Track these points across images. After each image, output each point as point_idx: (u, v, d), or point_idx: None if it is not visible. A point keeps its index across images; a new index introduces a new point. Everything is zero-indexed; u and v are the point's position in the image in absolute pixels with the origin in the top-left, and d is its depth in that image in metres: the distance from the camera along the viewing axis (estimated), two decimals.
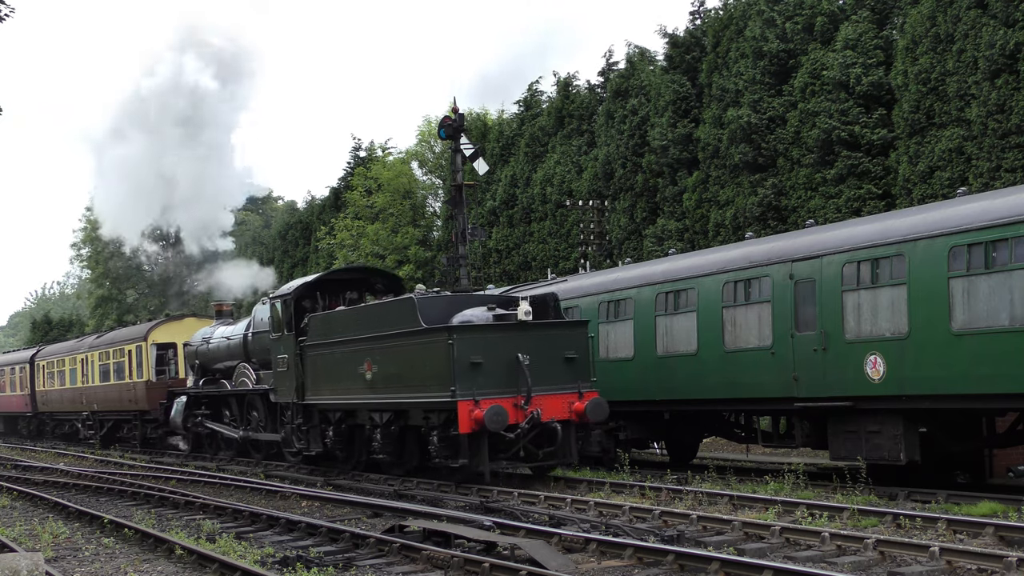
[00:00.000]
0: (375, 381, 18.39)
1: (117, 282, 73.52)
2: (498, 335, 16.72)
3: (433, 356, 16.73)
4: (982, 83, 20.22)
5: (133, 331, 34.46)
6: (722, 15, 27.94)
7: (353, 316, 19.63)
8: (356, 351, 18.89)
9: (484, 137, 36.67)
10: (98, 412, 36.00)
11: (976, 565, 9.52)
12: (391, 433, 18.50)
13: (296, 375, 20.89)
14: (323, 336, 20.21)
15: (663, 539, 11.63)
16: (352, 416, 19.88)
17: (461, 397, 16.08)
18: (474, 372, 16.24)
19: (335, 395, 19.87)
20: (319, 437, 20.72)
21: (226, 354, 26.11)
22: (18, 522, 16.09)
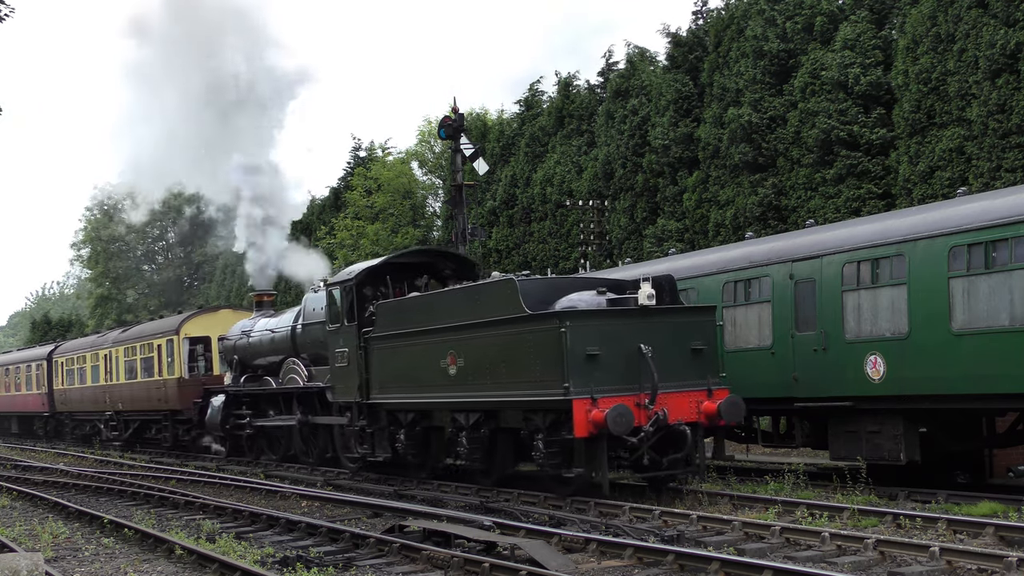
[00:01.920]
0: (460, 377, 16.09)
1: (117, 282, 73.60)
2: (616, 323, 14.32)
3: (539, 347, 14.33)
4: (983, 83, 20.22)
5: (163, 324, 31.81)
6: (723, 15, 27.94)
7: (434, 302, 17.18)
8: (437, 343, 16.60)
9: (484, 137, 36.68)
10: (123, 412, 33.50)
11: (976, 565, 9.51)
12: (479, 437, 16.09)
13: (359, 371, 18.70)
14: (394, 326, 17.84)
15: (663, 539, 11.63)
16: (428, 417, 17.72)
17: (576, 395, 13.69)
18: (590, 366, 13.89)
19: (409, 393, 17.63)
20: (387, 441, 18.50)
21: (270, 348, 23.85)
22: (18, 522, 16.09)
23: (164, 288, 72.94)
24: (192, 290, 70.81)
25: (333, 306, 19.63)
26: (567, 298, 14.91)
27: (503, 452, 16.35)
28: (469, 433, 16.24)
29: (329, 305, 19.83)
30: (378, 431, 18.74)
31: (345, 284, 19.26)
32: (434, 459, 18.08)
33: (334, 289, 19.68)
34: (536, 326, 14.48)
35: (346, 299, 19.14)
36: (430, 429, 17.79)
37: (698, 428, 14.50)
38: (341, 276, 19.86)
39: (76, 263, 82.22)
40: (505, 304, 15.05)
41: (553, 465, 14.50)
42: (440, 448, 17.72)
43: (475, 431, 16.17)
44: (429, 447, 17.94)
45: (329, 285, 20.13)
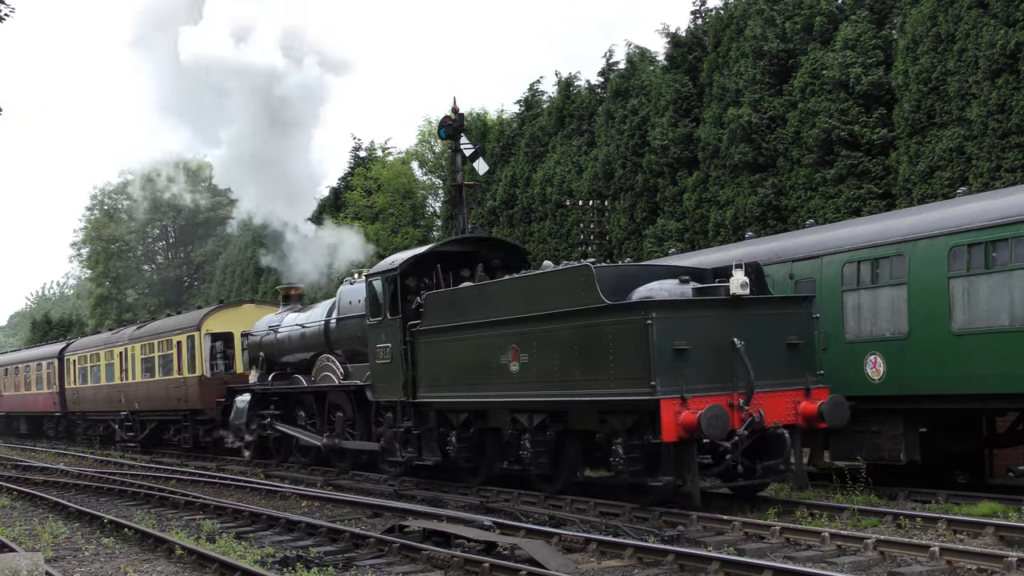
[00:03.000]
0: (524, 374, 14.70)
1: (117, 282, 73.67)
2: (706, 314, 13.05)
3: (619, 341, 13.01)
4: (983, 83, 20.22)
5: (183, 320, 30.29)
6: (723, 14, 27.94)
7: (494, 292, 15.77)
8: (497, 336, 15.26)
9: (484, 137, 36.67)
10: (139, 412, 32.05)
11: (976, 565, 9.52)
12: (545, 440, 14.73)
13: (403, 368, 17.35)
14: (446, 319, 16.52)
15: (663, 539, 11.63)
16: (483, 418, 16.36)
17: (664, 394, 12.39)
18: (679, 362, 12.60)
19: (462, 391, 16.26)
20: (435, 444, 17.16)
21: (300, 344, 22.57)
22: (18, 522, 16.10)
23: (164, 288, 72.99)
24: (192, 290, 70.84)
25: (373, 298, 18.40)
26: (646, 287, 13.55)
27: (571, 457, 14.97)
28: (533, 436, 14.87)
29: (369, 297, 18.58)
30: (425, 433, 17.37)
31: (388, 275, 17.93)
32: (490, 464, 16.72)
33: (374, 280, 18.38)
34: (616, 318, 13.07)
35: (389, 290, 17.85)
36: (485, 431, 16.46)
37: (796, 431, 13.17)
38: (383, 266, 18.54)
39: (76, 263, 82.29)
40: (579, 293, 13.63)
41: (634, 472, 13.04)
42: (497, 452, 16.48)
43: (539, 433, 14.81)
44: (484, 451, 16.63)
45: (369, 276, 18.79)
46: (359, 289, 19.68)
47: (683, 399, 12.44)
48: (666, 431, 12.38)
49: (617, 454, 13.17)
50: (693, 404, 12.40)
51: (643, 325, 12.62)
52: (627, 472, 13.15)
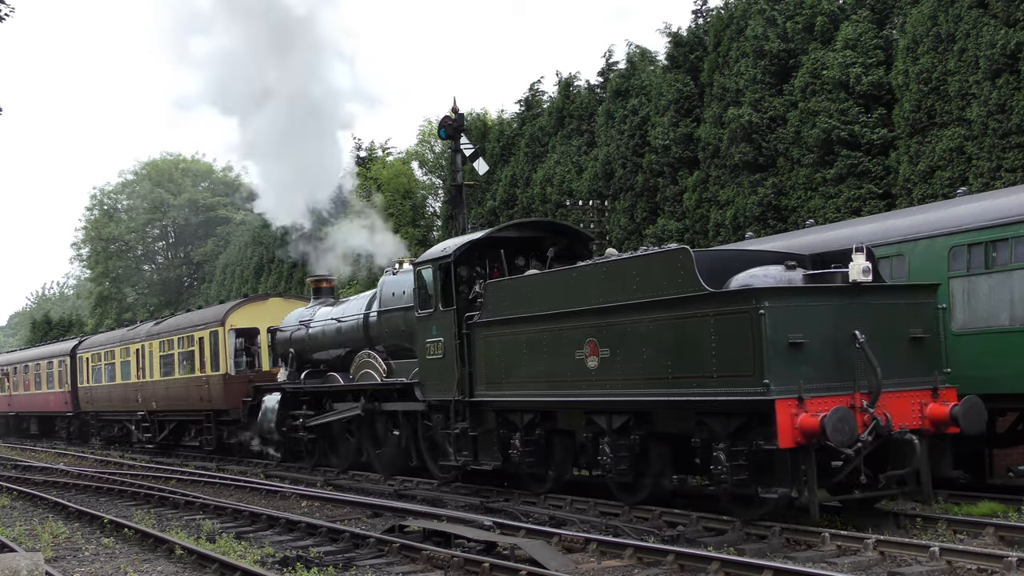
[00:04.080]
0: (604, 371, 13.23)
1: (117, 281, 73.74)
2: (822, 304, 11.56)
3: (723, 334, 11.57)
4: (983, 83, 20.23)
5: (205, 315, 28.60)
6: (724, 14, 27.95)
7: (569, 280, 14.14)
8: (572, 329, 13.78)
9: (484, 137, 36.69)
10: (157, 412, 30.38)
11: (976, 565, 9.51)
12: (628, 445, 13.21)
13: (458, 364, 15.96)
14: (509, 310, 15.02)
15: (663, 539, 11.62)
16: (551, 419, 14.88)
17: (779, 394, 10.94)
18: (794, 358, 11.18)
19: (529, 390, 14.79)
20: (495, 448, 15.69)
21: (335, 340, 21.16)
22: (18, 522, 16.10)
23: (164, 288, 73.07)
24: (192, 290, 70.89)
25: (423, 289, 16.97)
26: (746, 274, 12.12)
27: (657, 463, 13.26)
28: (614, 440, 13.34)
29: (418, 288, 17.14)
30: (484, 435, 15.91)
31: (440, 262, 16.52)
32: (558, 470, 15.23)
33: (424, 269, 16.96)
34: (720, 307, 11.62)
35: (441, 279, 16.47)
36: (553, 434, 14.97)
37: (923, 437, 11.68)
38: (434, 253, 17.12)
39: (76, 263, 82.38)
40: (673, 280, 12.13)
41: (739, 482, 11.55)
42: (567, 457, 15.05)
43: (621, 437, 13.29)
44: (552, 455, 15.11)
45: (418, 264, 17.29)
46: (404, 279, 18.49)
47: (800, 400, 10.98)
48: (782, 436, 10.90)
49: (718, 461, 11.66)
50: (811, 405, 10.99)
51: (753, 315, 11.12)
52: (730, 482, 11.58)
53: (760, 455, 11.34)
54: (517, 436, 15.11)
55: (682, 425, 12.61)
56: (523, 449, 14.94)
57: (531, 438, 14.98)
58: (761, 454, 11.31)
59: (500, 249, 16.60)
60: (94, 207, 76.64)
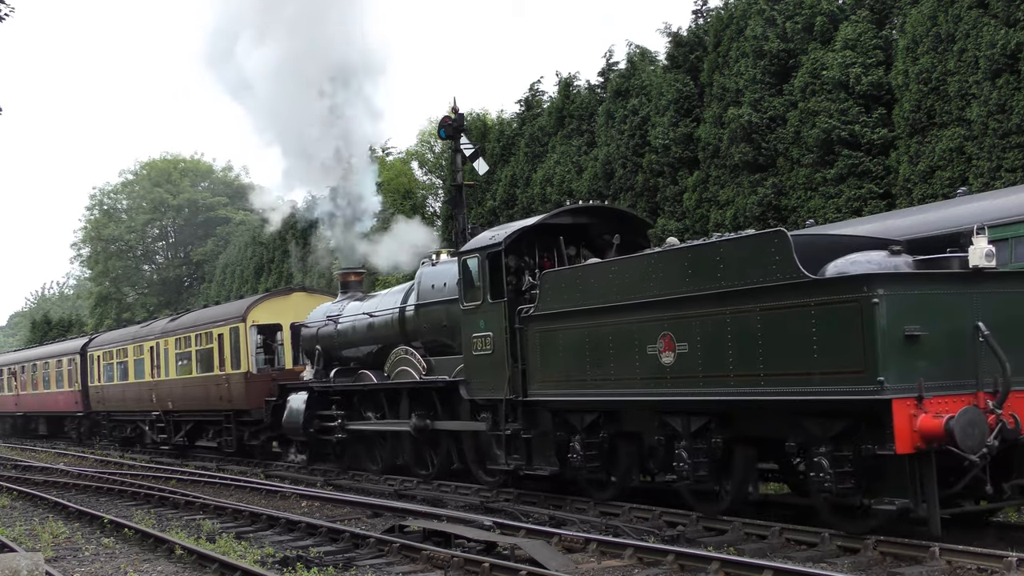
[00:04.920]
0: (681, 367, 12.08)
1: (116, 281, 73.79)
2: (941, 292, 10.37)
3: (827, 325, 10.39)
4: (983, 83, 20.23)
5: (225, 310, 27.49)
6: (723, 14, 27.95)
7: (639, 269, 12.88)
8: (643, 322, 12.63)
9: (484, 137, 36.68)
10: (173, 412, 29.23)
11: (976, 565, 9.51)
12: (708, 449, 12.11)
13: (509, 360, 14.85)
14: (570, 302, 13.81)
15: (663, 539, 11.63)
16: (614, 421, 13.81)
17: (896, 393, 9.80)
18: (911, 352, 10.01)
19: (591, 389, 13.57)
20: (551, 451, 14.57)
21: (367, 336, 20.09)
22: (18, 522, 16.11)
23: (164, 288, 73.11)
24: (192, 290, 70.92)
25: (469, 280, 15.89)
26: (847, 260, 10.96)
27: (741, 470, 12.19)
28: (691, 444, 12.22)
29: (463, 279, 16.02)
30: (539, 437, 14.81)
31: (489, 251, 15.39)
32: (623, 475, 14.05)
33: (470, 258, 15.86)
34: (824, 296, 10.46)
35: (490, 269, 15.35)
36: (618, 436, 13.87)
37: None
38: (481, 241, 15.94)
39: (76, 262, 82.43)
40: (767, 267, 10.99)
41: (843, 491, 10.49)
42: (634, 461, 13.90)
43: (700, 440, 12.19)
44: (616, 459, 13.99)
45: (463, 253, 16.18)
46: (445, 270, 17.52)
47: (919, 399, 9.86)
48: (900, 440, 9.77)
49: (820, 468, 10.59)
50: (931, 406, 9.87)
51: (865, 305, 9.98)
52: (834, 491, 10.53)
53: (869, 462, 10.28)
54: (577, 439, 14.00)
55: (773, 427, 11.50)
56: (584, 453, 13.86)
57: (593, 441, 13.87)
58: (871, 460, 10.25)
59: (550, 237, 15.58)
60: (94, 207, 76.70)
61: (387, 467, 19.65)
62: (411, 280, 19.47)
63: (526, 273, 15.36)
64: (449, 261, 17.88)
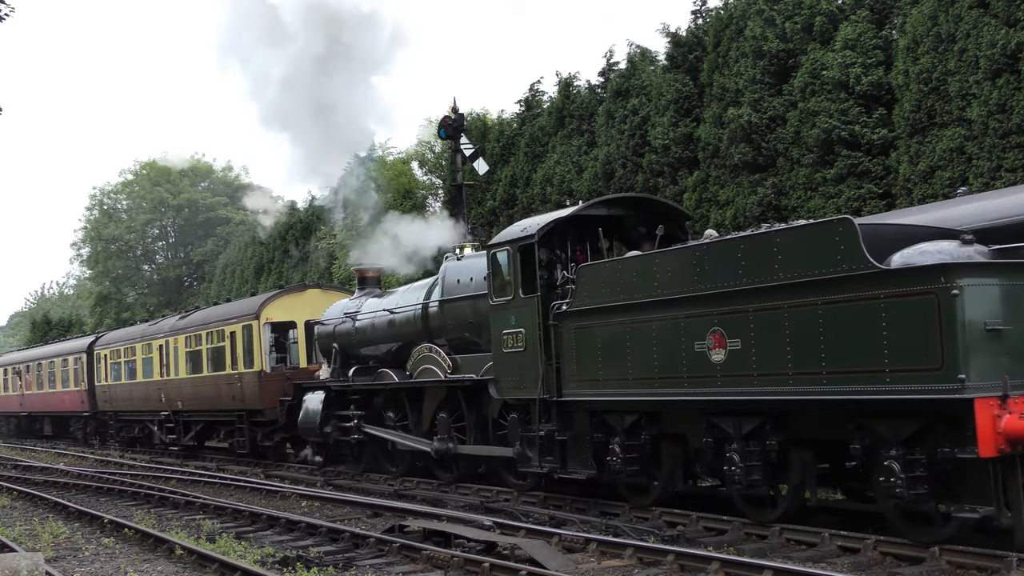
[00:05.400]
0: (733, 365, 11.38)
1: (116, 281, 73.80)
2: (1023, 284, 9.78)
3: (900, 319, 9.73)
4: (983, 83, 20.24)
5: (238, 307, 26.76)
6: (723, 14, 27.96)
7: (686, 262, 12.16)
8: (690, 317, 11.95)
9: (484, 137, 36.69)
10: (182, 412, 28.61)
11: (976, 565, 9.50)
12: (763, 451, 11.48)
13: (542, 358, 14.20)
14: (609, 296, 13.13)
15: (663, 539, 11.63)
16: (656, 422, 13.15)
17: (978, 391, 9.25)
18: (994, 349, 9.44)
19: (632, 388, 12.85)
20: (588, 454, 13.94)
21: (387, 333, 19.58)
22: (18, 522, 16.11)
23: (164, 288, 73.11)
24: (192, 290, 70.92)
25: (498, 274, 15.25)
26: (915, 250, 10.34)
27: (799, 473, 11.56)
28: (743, 447, 11.58)
29: (492, 273, 15.36)
30: (574, 439, 14.13)
31: (521, 243, 14.73)
32: (666, 480, 13.41)
33: (500, 252, 15.21)
34: (896, 288, 9.80)
35: (521, 263, 14.70)
36: (660, 438, 13.26)
37: None
38: (512, 233, 15.26)
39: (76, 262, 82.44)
40: (831, 257, 10.29)
41: (917, 497, 9.88)
42: (677, 465, 13.31)
43: (752, 443, 11.56)
44: (660, 463, 13.37)
45: (493, 246, 15.51)
46: (472, 264, 16.97)
47: (1003, 398, 9.25)
48: (983, 442, 9.14)
49: (891, 472, 9.96)
50: (1016, 405, 9.27)
51: (943, 297, 9.36)
52: (906, 496, 9.89)
53: (946, 466, 9.69)
54: (616, 441, 13.33)
55: (834, 429, 10.80)
56: (624, 456, 13.18)
57: (634, 443, 13.21)
58: (948, 465, 9.66)
59: (582, 230, 14.83)
60: (94, 207, 76.70)
61: (407, 469, 19.12)
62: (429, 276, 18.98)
63: (558, 267, 14.72)
64: (475, 255, 17.42)
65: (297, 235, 50.53)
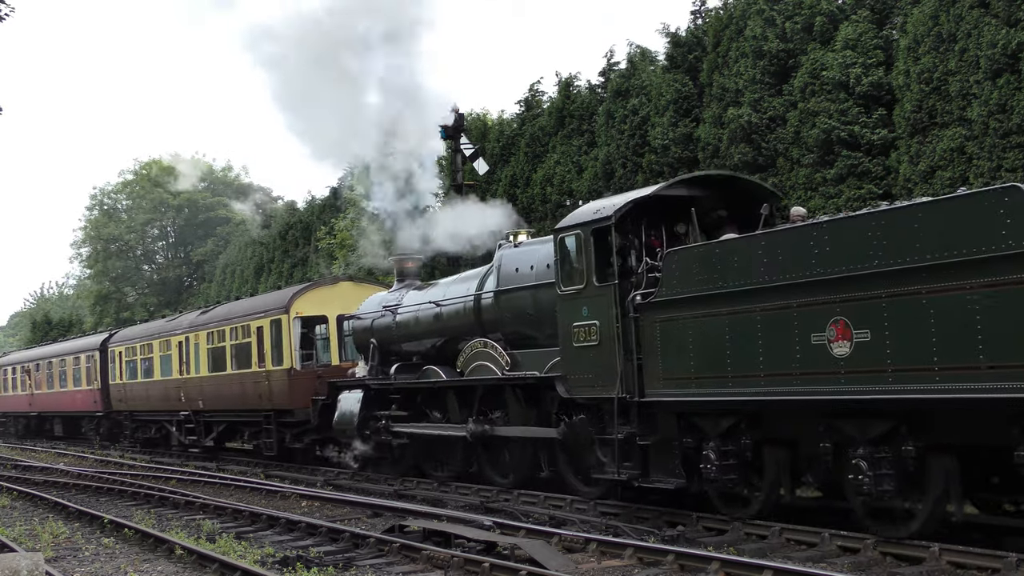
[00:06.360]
0: (862, 359, 9.96)
1: (116, 281, 73.82)
2: None
3: None
4: (983, 83, 20.25)
5: (266, 301, 25.33)
6: (723, 14, 27.96)
7: (801, 242, 10.70)
8: (806, 306, 10.55)
9: (484, 137, 36.69)
10: (203, 412, 27.31)
11: (976, 565, 9.50)
12: (897, 460, 10.16)
13: (620, 353, 12.82)
14: (705, 283, 11.78)
15: (663, 539, 11.63)
16: (759, 425, 11.77)
17: None
18: None
19: (732, 387, 11.47)
20: (676, 461, 12.56)
21: (433, 328, 18.34)
22: (18, 522, 16.11)
23: (164, 287, 73.12)
24: (192, 289, 70.95)
25: (566, 261, 13.90)
26: None
27: (941, 484, 10.13)
28: (870, 452, 10.23)
29: (560, 259, 14.00)
30: (659, 444, 12.73)
31: (595, 226, 13.36)
32: (770, 491, 11.92)
33: (569, 236, 13.87)
34: None
35: (596, 249, 13.32)
36: (763, 444, 11.86)
37: None
38: (584, 215, 13.86)
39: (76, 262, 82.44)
40: (994, 232, 8.92)
41: None
42: (784, 474, 11.79)
43: (884, 449, 10.21)
44: (763, 473, 11.94)
45: (561, 231, 14.14)
46: (532, 252, 15.85)
47: None
48: None
49: None
50: None
51: None
52: None
53: None
54: (711, 446, 11.97)
55: (992, 432, 9.51)
56: (720, 465, 11.82)
57: (733, 449, 11.86)
58: None
59: (657, 213, 13.52)
60: (94, 207, 76.72)
61: (457, 474, 17.82)
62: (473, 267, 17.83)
63: (631, 253, 13.38)
64: (535, 242, 16.37)
65: (297, 235, 50.52)
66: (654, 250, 13.27)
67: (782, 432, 11.64)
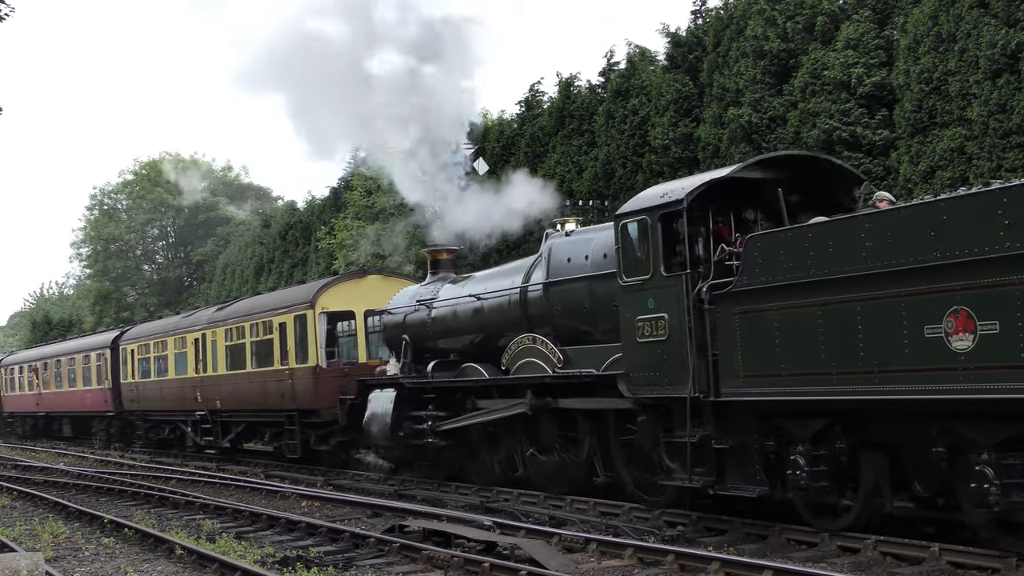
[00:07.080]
0: (985, 354, 8.83)
1: (116, 281, 73.84)
2: None
3: None
4: (983, 83, 20.25)
5: (290, 295, 24.20)
6: (723, 14, 27.96)
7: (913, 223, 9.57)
8: (919, 295, 9.39)
9: (484, 137, 36.69)
10: (221, 412, 26.02)
11: (976, 564, 9.50)
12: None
13: (692, 349, 11.66)
14: (795, 271, 10.59)
15: (663, 539, 11.63)
16: (855, 427, 10.64)
17: None
18: None
19: (826, 385, 10.27)
20: (756, 465, 11.37)
21: (471, 322, 17.24)
22: (18, 522, 16.11)
23: (164, 287, 73.14)
24: (192, 289, 70.96)
25: (629, 249, 12.73)
26: None
27: None
28: (997, 458, 9.07)
29: (623, 247, 12.82)
30: (737, 448, 11.54)
31: (663, 211, 12.23)
32: (867, 500, 10.78)
33: (632, 222, 12.70)
34: None
35: (663, 236, 12.20)
36: (860, 447, 10.72)
37: None
38: (650, 200, 12.64)
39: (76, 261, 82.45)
40: None
41: None
42: (884, 481, 10.66)
43: (1012, 455, 9.07)
44: (858, 479, 10.81)
45: (623, 216, 12.90)
46: (587, 240, 14.87)
47: None
48: None
49: None
50: None
51: None
52: None
53: None
54: (799, 451, 10.79)
55: None
56: (810, 471, 10.67)
57: (823, 454, 10.71)
58: None
59: (725, 199, 12.41)
60: (94, 207, 76.73)
61: (501, 478, 16.55)
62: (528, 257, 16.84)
63: (699, 240, 12.22)
64: (589, 229, 15.42)
65: (297, 235, 50.53)
66: (722, 237, 12.15)
67: (882, 435, 10.51)
